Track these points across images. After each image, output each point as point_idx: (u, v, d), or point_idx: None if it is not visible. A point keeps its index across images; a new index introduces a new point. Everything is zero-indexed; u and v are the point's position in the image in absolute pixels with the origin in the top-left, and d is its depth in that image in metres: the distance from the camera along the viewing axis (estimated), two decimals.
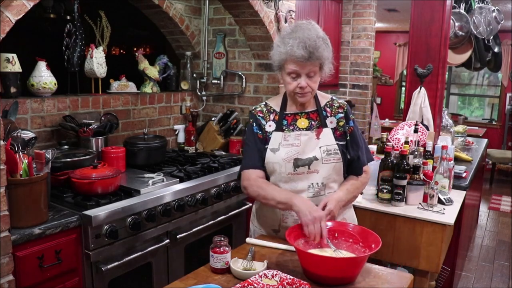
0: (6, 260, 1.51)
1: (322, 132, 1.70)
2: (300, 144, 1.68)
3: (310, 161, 1.66)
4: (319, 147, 1.68)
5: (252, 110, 1.80)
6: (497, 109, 7.97)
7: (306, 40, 1.56)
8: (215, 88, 3.31)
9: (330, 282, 1.36)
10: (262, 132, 1.73)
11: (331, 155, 1.68)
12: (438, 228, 2.15)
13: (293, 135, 1.69)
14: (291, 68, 1.60)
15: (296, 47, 1.55)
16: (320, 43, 1.59)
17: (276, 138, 1.70)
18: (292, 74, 1.62)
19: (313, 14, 4.11)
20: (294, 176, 1.67)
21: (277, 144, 1.69)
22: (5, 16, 1.48)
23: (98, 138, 2.40)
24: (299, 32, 1.58)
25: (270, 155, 1.69)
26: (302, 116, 1.74)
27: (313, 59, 1.57)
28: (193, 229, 2.31)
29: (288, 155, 1.66)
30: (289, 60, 1.59)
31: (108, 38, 2.68)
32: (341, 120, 1.75)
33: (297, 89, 1.64)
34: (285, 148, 1.68)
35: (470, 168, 3.17)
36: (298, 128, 1.72)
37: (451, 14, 3.27)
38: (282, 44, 1.61)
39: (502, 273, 3.71)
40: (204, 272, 1.46)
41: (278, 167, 1.67)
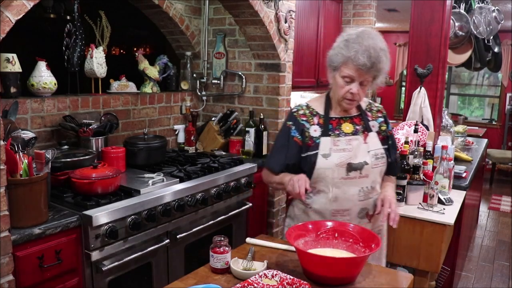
0: (6, 260, 1.51)
1: (368, 137, 1.71)
2: (352, 149, 1.67)
3: (361, 166, 1.66)
4: (367, 152, 1.69)
5: (294, 112, 1.76)
6: (497, 109, 7.97)
7: (371, 49, 1.55)
8: (215, 88, 3.31)
9: (330, 282, 1.36)
10: (302, 137, 1.71)
11: (379, 159, 1.70)
12: (438, 228, 2.15)
13: (343, 140, 1.68)
14: (348, 72, 1.59)
15: (360, 54, 1.55)
16: (382, 55, 1.58)
17: (325, 144, 1.67)
18: (347, 78, 1.61)
19: (313, 14, 4.11)
20: (346, 181, 1.66)
21: (327, 149, 1.66)
22: (5, 16, 1.48)
23: (98, 138, 2.40)
24: (365, 40, 1.57)
25: (321, 160, 1.66)
26: (346, 121, 1.73)
27: (373, 69, 1.57)
28: (193, 229, 2.31)
29: (340, 160, 1.65)
30: (350, 64, 1.58)
31: (108, 38, 2.68)
32: (382, 124, 1.78)
33: (348, 94, 1.63)
34: (337, 153, 1.66)
35: (470, 168, 3.17)
36: (344, 133, 1.70)
37: (451, 14, 3.27)
38: (345, 47, 1.59)
39: (502, 273, 3.71)
40: (204, 272, 1.46)
41: (331, 173, 1.65)
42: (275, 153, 1.78)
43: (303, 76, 4.06)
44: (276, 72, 3.05)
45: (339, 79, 1.64)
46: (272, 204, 3.18)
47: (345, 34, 1.64)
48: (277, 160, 1.75)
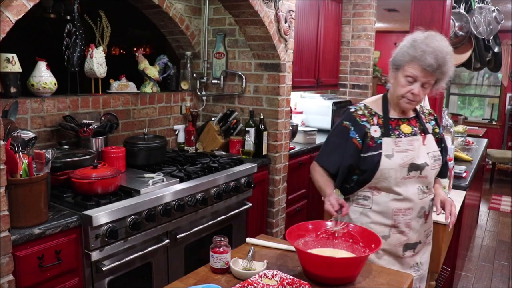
0: (6, 260, 1.51)
1: (426, 139, 1.74)
2: (414, 149, 1.69)
3: (422, 167, 1.69)
4: (427, 153, 1.71)
5: (352, 113, 1.76)
6: (497, 109, 7.98)
7: (438, 51, 1.57)
8: (215, 88, 3.31)
9: (330, 282, 1.36)
10: (362, 139, 1.71)
11: (436, 161, 1.74)
12: (438, 228, 2.15)
13: (405, 141, 1.70)
14: (412, 72, 1.61)
15: (428, 54, 1.56)
16: (448, 59, 1.60)
17: (388, 144, 1.69)
18: (410, 78, 1.62)
19: (313, 14, 4.12)
20: (406, 180, 1.69)
21: (390, 150, 1.68)
22: (5, 16, 1.48)
23: (98, 138, 2.40)
24: (433, 42, 1.59)
25: (385, 161, 1.67)
26: (404, 122, 1.75)
27: (438, 71, 1.59)
28: (193, 229, 2.31)
29: (404, 161, 1.67)
30: (415, 64, 1.59)
31: (108, 38, 2.68)
32: (435, 127, 1.81)
33: (408, 94, 1.64)
34: (400, 154, 1.68)
35: (470, 168, 3.17)
36: (404, 133, 1.72)
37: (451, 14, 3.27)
38: (412, 47, 1.60)
39: (502, 273, 3.71)
40: (204, 272, 1.46)
41: (394, 173, 1.67)
42: (331, 152, 1.78)
43: (303, 76, 4.06)
44: (276, 72, 3.05)
45: (401, 78, 1.64)
46: (272, 204, 3.18)
47: (413, 35, 1.66)
48: (333, 160, 1.76)
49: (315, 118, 4.46)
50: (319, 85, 4.43)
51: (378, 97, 1.83)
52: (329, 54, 4.56)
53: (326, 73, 4.54)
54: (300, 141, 3.77)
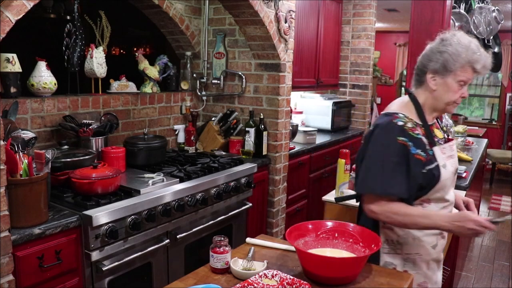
0: (6, 260, 1.51)
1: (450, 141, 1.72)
2: (454, 154, 1.68)
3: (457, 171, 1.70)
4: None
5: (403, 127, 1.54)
6: (497, 109, 7.98)
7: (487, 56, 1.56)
8: (215, 88, 3.31)
9: (330, 282, 1.36)
10: (425, 154, 1.53)
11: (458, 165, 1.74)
12: None
13: (447, 147, 1.65)
14: (467, 76, 1.55)
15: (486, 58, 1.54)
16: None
17: (439, 154, 1.59)
18: (462, 82, 1.56)
19: (313, 14, 4.12)
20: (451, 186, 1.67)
21: (442, 159, 1.59)
22: (5, 16, 1.48)
23: (98, 138, 2.40)
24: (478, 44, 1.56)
25: (443, 172, 1.56)
26: (433, 127, 1.69)
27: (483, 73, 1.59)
28: (193, 229, 2.31)
29: (454, 167, 1.64)
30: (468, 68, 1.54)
31: (108, 38, 2.68)
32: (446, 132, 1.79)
33: (459, 99, 1.60)
34: (449, 161, 1.62)
35: (470, 168, 3.16)
36: (439, 139, 1.66)
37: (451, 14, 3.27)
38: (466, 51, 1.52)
39: (502, 273, 3.71)
40: (204, 272, 1.46)
41: (450, 182, 1.62)
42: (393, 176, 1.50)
43: (303, 76, 4.06)
44: (276, 72, 3.05)
45: (453, 83, 1.55)
46: (272, 204, 3.18)
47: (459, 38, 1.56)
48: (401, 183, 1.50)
49: (315, 118, 4.46)
50: (319, 85, 4.43)
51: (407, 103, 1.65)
52: (329, 54, 4.56)
53: (326, 73, 4.54)
54: (300, 141, 3.77)
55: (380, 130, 1.56)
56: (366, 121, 4.96)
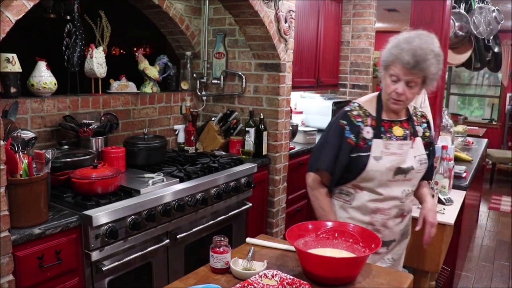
0: (6, 260, 1.51)
1: (415, 141, 1.73)
2: (403, 153, 1.69)
3: (408, 170, 1.70)
4: (414, 157, 1.71)
5: (348, 112, 1.76)
6: (497, 109, 7.98)
7: (418, 49, 1.57)
8: (215, 88, 3.31)
9: (330, 282, 1.36)
10: (356, 139, 1.70)
11: (422, 165, 1.74)
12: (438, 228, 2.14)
13: (395, 144, 1.70)
14: (395, 71, 1.61)
15: (405, 52, 1.57)
16: (430, 57, 1.58)
17: (378, 146, 1.69)
18: (393, 77, 1.63)
19: (313, 14, 4.11)
20: (391, 183, 1.71)
21: (379, 152, 1.68)
22: (5, 16, 1.48)
23: (98, 138, 2.40)
24: (415, 41, 1.59)
25: (373, 163, 1.68)
26: (397, 124, 1.74)
27: (417, 69, 1.57)
28: (193, 229, 2.31)
29: (391, 164, 1.68)
30: (395, 63, 1.60)
31: (108, 38, 2.68)
32: (426, 130, 1.80)
33: (393, 94, 1.64)
34: (388, 157, 1.68)
35: (470, 168, 3.17)
36: (395, 136, 1.71)
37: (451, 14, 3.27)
38: (394, 47, 1.62)
39: (502, 273, 3.71)
40: (204, 272, 1.46)
41: (379, 175, 1.68)
42: (325, 151, 1.75)
43: (303, 76, 4.06)
44: (276, 72, 3.05)
45: (387, 78, 1.66)
46: (272, 204, 3.18)
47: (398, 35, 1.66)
48: (327, 158, 1.74)
49: (315, 118, 4.46)
50: (319, 85, 4.43)
51: (372, 97, 1.82)
52: (329, 54, 4.56)
53: (326, 73, 4.54)
54: (300, 141, 3.77)
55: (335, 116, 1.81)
56: None
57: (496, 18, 4.10)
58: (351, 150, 1.70)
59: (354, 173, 1.70)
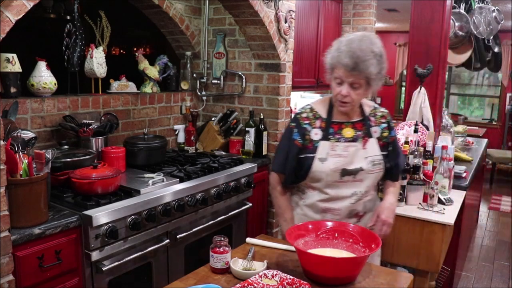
0: (6, 260, 1.51)
1: (368, 142, 1.73)
2: (348, 155, 1.70)
3: (356, 171, 1.70)
4: (365, 158, 1.71)
5: (297, 115, 1.80)
6: (497, 109, 7.98)
7: (357, 50, 1.57)
8: (215, 88, 3.31)
9: (330, 282, 1.36)
10: (303, 140, 1.74)
11: (376, 166, 1.73)
12: (438, 228, 2.15)
13: (341, 146, 1.70)
14: (338, 74, 1.63)
15: (344, 54, 1.58)
16: (369, 58, 1.58)
17: (324, 148, 1.70)
18: (337, 80, 1.64)
19: (313, 14, 4.11)
20: (340, 184, 1.72)
21: (325, 153, 1.70)
22: (5, 16, 1.48)
23: (98, 138, 2.40)
24: (355, 43, 1.60)
25: (318, 164, 1.70)
26: (348, 126, 1.75)
27: (357, 70, 1.58)
28: (193, 229, 2.31)
29: (336, 166, 1.69)
30: (337, 65, 1.62)
31: (108, 38, 2.68)
32: (384, 130, 1.79)
33: (339, 96, 1.65)
34: (333, 159, 1.69)
35: (470, 168, 3.17)
36: (344, 138, 1.72)
37: (451, 14, 3.27)
38: (335, 50, 1.64)
39: (502, 273, 3.71)
40: (204, 272, 1.46)
41: (325, 176, 1.70)
42: (278, 155, 1.83)
43: (303, 76, 4.06)
44: (276, 72, 3.05)
45: (332, 81, 1.68)
46: (272, 204, 3.18)
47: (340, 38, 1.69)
48: (278, 160, 1.81)
49: None
50: (319, 85, 4.42)
51: (325, 99, 1.83)
52: None
53: None
54: None
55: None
56: None
57: (496, 18, 4.10)
58: (299, 151, 1.74)
59: (303, 173, 1.74)
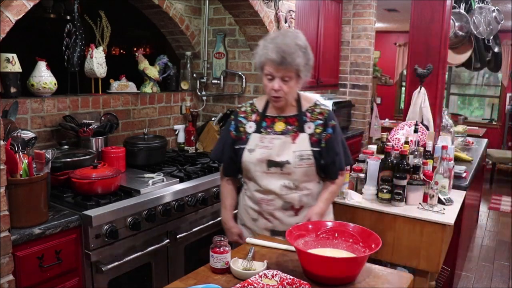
0: (6, 260, 1.51)
1: (298, 137, 1.77)
2: (273, 147, 1.76)
3: (282, 164, 1.75)
4: (293, 152, 1.75)
5: (237, 109, 1.92)
6: (497, 109, 7.98)
7: (282, 45, 1.65)
8: (215, 88, 3.31)
9: (330, 282, 1.36)
10: (237, 132, 1.85)
11: (303, 160, 1.76)
12: (438, 228, 2.15)
13: (268, 138, 1.78)
14: (268, 70, 1.69)
15: (271, 50, 1.65)
16: (295, 50, 1.66)
17: (254, 139, 1.80)
18: (268, 76, 1.70)
19: (313, 14, 4.11)
20: (268, 175, 1.78)
21: (254, 145, 1.79)
22: (5, 16, 1.48)
23: (98, 138, 2.40)
24: (280, 38, 1.69)
25: (246, 154, 1.79)
26: (281, 120, 1.82)
27: (285, 64, 1.64)
28: (193, 229, 2.31)
29: (262, 156, 1.76)
30: (266, 62, 1.68)
31: (108, 38, 2.68)
32: (318, 127, 1.80)
33: (271, 91, 1.71)
34: (260, 150, 1.77)
35: (470, 168, 3.16)
36: (274, 131, 1.80)
37: (451, 14, 3.27)
38: (262, 48, 1.70)
39: (502, 273, 3.71)
40: (204, 272, 1.46)
41: (253, 166, 1.79)
42: (217, 144, 1.96)
43: None
44: None
45: (263, 77, 1.73)
46: None
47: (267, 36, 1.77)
48: (218, 150, 1.92)
49: None
50: (319, 85, 4.43)
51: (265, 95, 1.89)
52: (329, 54, 4.56)
53: (326, 73, 4.54)
54: None
55: None
56: (366, 121, 4.96)
57: (496, 18, 4.10)
58: (233, 142, 1.85)
59: (238, 164, 1.84)
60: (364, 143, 4.90)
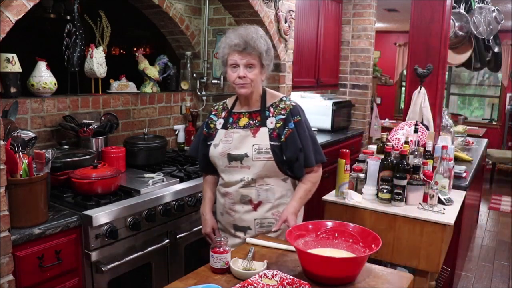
0: (6, 260, 1.51)
1: (259, 131, 1.81)
2: (232, 141, 1.82)
3: (241, 157, 1.79)
4: (252, 145, 1.79)
5: (212, 108, 1.99)
6: (497, 109, 7.98)
7: (243, 33, 1.73)
8: (215, 88, 3.31)
9: (330, 282, 1.36)
10: (208, 129, 1.93)
11: (261, 154, 1.78)
12: (438, 228, 2.15)
13: (229, 133, 1.84)
14: (231, 59, 1.74)
15: (234, 38, 1.72)
16: (256, 37, 1.73)
17: (219, 135, 1.86)
18: (233, 65, 1.75)
19: (313, 14, 4.12)
20: (230, 169, 1.83)
21: (218, 140, 1.86)
22: (5, 16, 1.48)
23: (98, 138, 2.40)
24: (240, 29, 1.77)
25: (212, 149, 1.87)
26: (245, 115, 1.86)
27: (248, 49, 1.71)
28: (193, 229, 2.30)
29: (222, 150, 1.83)
30: (229, 51, 1.74)
31: (108, 38, 2.68)
32: (279, 122, 1.82)
33: (237, 80, 1.76)
34: (223, 144, 1.83)
35: (470, 168, 3.16)
36: (238, 126, 1.85)
37: (451, 14, 3.27)
38: (225, 39, 1.77)
39: (502, 273, 3.71)
40: (204, 272, 1.46)
41: (217, 160, 1.85)
42: (194, 140, 2.05)
43: (303, 76, 4.06)
44: (276, 72, 3.05)
45: (228, 69, 1.78)
46: None
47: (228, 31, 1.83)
48: (194, 146, 2.01)
49: (315, 118, 4.45)
50: (319, 85, 4.43)
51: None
52: (329, 54, 4.56)
53: (326, 73, 4.54)
54: None
55: None
56: (366, 121, 4.96)
57: (496, 18, 4.10)
58: (205, 138, 1.92)
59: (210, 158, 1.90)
60: (364, 143, 4.90)
